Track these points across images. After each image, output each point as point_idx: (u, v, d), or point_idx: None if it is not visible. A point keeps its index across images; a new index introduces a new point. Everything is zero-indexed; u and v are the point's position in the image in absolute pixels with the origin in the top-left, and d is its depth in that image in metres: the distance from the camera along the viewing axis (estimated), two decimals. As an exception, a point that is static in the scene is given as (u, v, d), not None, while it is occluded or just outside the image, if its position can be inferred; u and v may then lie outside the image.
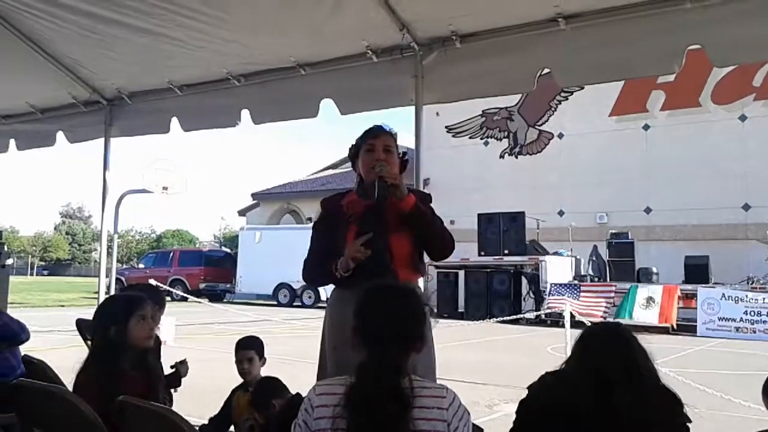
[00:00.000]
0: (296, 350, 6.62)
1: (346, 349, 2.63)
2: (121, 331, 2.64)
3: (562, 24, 3.60)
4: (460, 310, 18.09)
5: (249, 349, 3.59)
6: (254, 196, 32.28)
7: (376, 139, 2.82)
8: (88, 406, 2.12)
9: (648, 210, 21.17)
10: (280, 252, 20.31)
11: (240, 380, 3.59)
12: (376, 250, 2.66)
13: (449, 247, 2.84)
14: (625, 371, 1.99)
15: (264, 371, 3.55)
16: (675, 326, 14.87)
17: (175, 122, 5.32)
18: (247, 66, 4.81)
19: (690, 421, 2.06)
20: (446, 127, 24.75)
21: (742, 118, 20.10)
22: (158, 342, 3.41)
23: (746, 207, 19.53)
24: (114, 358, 2.58)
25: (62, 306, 19.89)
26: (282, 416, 2.99)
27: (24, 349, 3.71)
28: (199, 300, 15.20)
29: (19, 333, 3.52)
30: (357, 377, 1.74)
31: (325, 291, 21.08)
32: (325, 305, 2.99)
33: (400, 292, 1.97)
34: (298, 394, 3.07)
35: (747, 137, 19.67)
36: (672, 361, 9.09)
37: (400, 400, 1.68)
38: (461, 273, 18.82)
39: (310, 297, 22.68)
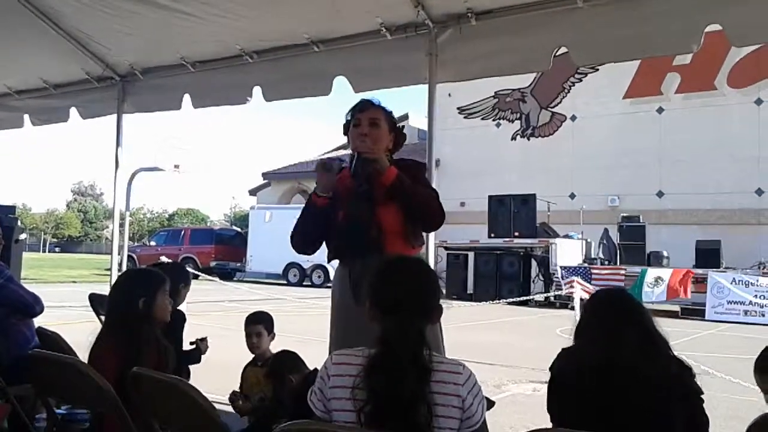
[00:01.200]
0: (307, 328, 6.65)
1: (347, 323, 2.68)
2: (149, 304, 2.69)
3: (579, 2, 3.54)
4: (469, 292, 18.12)
5: (257, 323, 3.61)
6: (265, 175, 32.30)
7: (362, 113, 2.82)
8: (101, 377, 2.14)
9: (660, 194, 21.04)
10: (290, 231, 20.23)
11: (251, 356, 3.63)
12: (363, 223, 2.67)
13: (435, 218, 2.78)
14: (634, 332, 2.04)
15: (276, 349, 3.57)
16: (680, 310, 14.83)
17: (187, 99, 5.31)
18: (260, 42, 4.77)
19: (703, 393, 2.09)
20: (458, 108, 24.60)
21: (758, 102, 19.87)
22: (183, 317, 3.45)
23: (759, 192, 19.39)
24: (136, 328, 2.62)
25: (74, 282, 20.08)
26: (297, 391, 3.01)
27: (37, 322, 3.75)
28: (210, 278, 15.27)
29: (33, 305, 3.56)
30: (380, 347, 1.74)
31: (334, 269, 20.95)
32: (332, 284, 3.02)
33: (418, 263, 2.01)
34: (315, 369, 3.09)
35: (762, 121, 19.47)
36: (680, 345, 9.05)
37: (419, 371, 1.69)
38: (471, 255, 18.82)
39: (319, 276, 22.79)
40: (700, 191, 19.72)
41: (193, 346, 3.52)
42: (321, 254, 3.01)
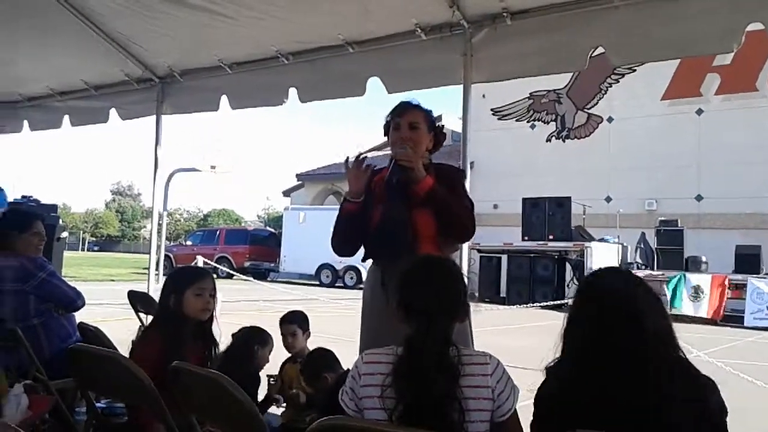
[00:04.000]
0: (340, 329, 6.67)
1: (378, 325, 2.69)
2: (178, 301, 2.76)
3: (616, 1, 3.51)
4: (502, 295, 17.97)
5: (291, 323, 3.66)
6: (299, 176, 32.50)
7: (401, 116, 2.83)
8: (142, 371, 2.18)
9: (699, 197, 20.62)
10: (323, 232, 19.93)
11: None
12: (399, 225, 2.69)
13: (465, 231, 2.81)
14: (625, 314, 1.70)
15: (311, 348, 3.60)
16: (722, 317, 14.50)
17: (224, 100, 5.39)
18: (296, 44, 4.83)
19: (727, 411, 1.70)
20: (492, 109, 24.45)
21: (801, 103, 19.36)
22: (258, 380, 3.46)
23: (801, 196, 18.87)
24: (174, 324, 2.69)
25: (112, 280, 20.45)
26: (331, 390, 3.02)
27: (77, 319, 3.83)
28: (245, 278, 15.43)
29: (75, 299, 3.65)
30: (405, 349, 1.75)
31: (366, 271, 20.94)
32: (364, 286, 3.04)
33: (442, 263, 2.00)
34: (348, 370, 3.10)
35: (805, 124, 18.93)
36: (719, 352, 8.88)
37: (449, 371, 1.70)
38: (504, 257, 18.65)
39: (351, 278, 22.84)
40: (739, 195, 19.26)
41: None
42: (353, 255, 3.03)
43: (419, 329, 1.76)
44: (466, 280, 2.01)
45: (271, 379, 3.49)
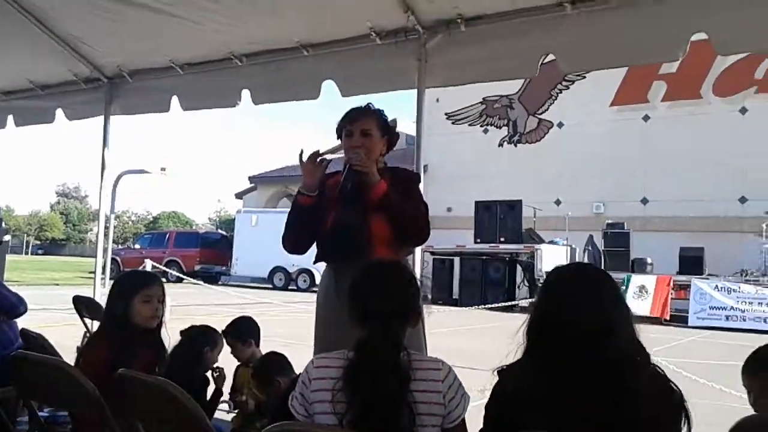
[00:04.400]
0: (293, 332, 6.63)
1: (332, 327, 2.69)
2: (125, 308, 2.68)
3: (568, 8, 3.57)
4: (454, 297, 18.14)
5: (227, 335, 3.53)
6: (251, 179, 32.22)
7: (353, 124, 2.83)
8: (86, 379, 2.12)
9: (645, 201, 21.22)
10: (276, 235, 19.74)
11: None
12: (354, 228, 2.69)
13: (419, 235, 2.84)
14: (590, 309, 1.68)
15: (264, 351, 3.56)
16: (668, 317, 14.93)
17: (175, 101, 5.29)
18: (250, 45, 4.77)
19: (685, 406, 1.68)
20: (446, 113, 24.67)
21: (743, 111, 20.12)
22: (206, 381, 3.37)
23: (743, 200, 19.61)
24: (121, 332, 2.61)
25: (57, 285, 19.88)
26: (284, 396, 2.99)
27: (20, 324, 3.71)
28: (195, 281, 15.18)
29: (18, 305, 3.54)
30: (356, 353, 1.74)
31: (320, 274, 20.86)
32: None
33: (395, 267, 2.01)
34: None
35: (747, 131, 19.66)
36: (663, 351, 9.14)
37: (399, 375, 1.70)
38: (456, 260, 18.86)
39: (305, 281, 22.73)
40: (684, 199, 19.90)
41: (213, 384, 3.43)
42: (306, 258, 3.01)
43: (371, 333, 1.75)
44: (419, 283, 2.02)
45: (215, 372, 3.41)
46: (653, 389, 1.65)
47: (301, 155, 2.81)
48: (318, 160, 2.79)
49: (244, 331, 3.62)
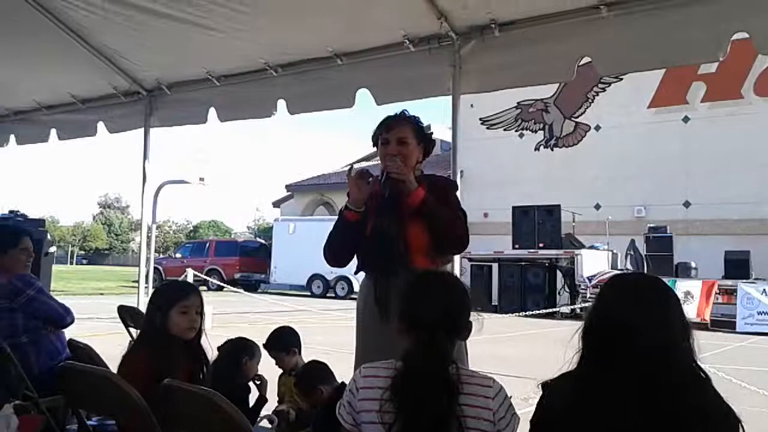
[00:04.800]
0: (332, 340, 6.67)
1: (372, 336, 2.69)
2: (163, 319, 2.70)
3: (604, 11, 3.53)
4: (493, 304, 17.99)
5: (272, 350, 3.63)
6: (288, 187, 32.47)
7: (389, 131, 2.81)
8: (133, 389, 2.16)
9: (687, 204, 20.76)
10: (313, 243, 20.03)
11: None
12: (391, 237, 2.68)
13: (458, 243, 2.80)
14: (647, 322, 1.59)
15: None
16: (710, 322, 14.57)
17: (212, 113, 5.38)
18: (284, 56, 4.83)
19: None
20: (480, 119, 24.55)
21: (786, 110, 19.56)
22: (248, 389, 3.44)
23: (789, 201, 19.04)
24: (160, 342, 2.64)
25: (101, 294, 20.33)
26: (328, 404, 3.01)
27: (66, 334, 3.79)
28: (236, 290, 15.35)
29: (65, 316, 3.62)
30: (404, 364, 1.73)
31: (357, 282, 20.93)
32: (357, 296, 3.02)
33: (448, 279, 1.99)
34: (343, 383, 3.10)
35: (790, 130, 19.12)
36: (710, 358, 8.90)
37: (447, 388, 1.68)
38: (495, 266, 18.69)
39: (343, 288, 22.79)
40: (727, 201, 19.42)
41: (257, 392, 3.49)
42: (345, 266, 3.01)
43: (419, 343, 1.74)
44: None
45: (256, 380, 3.47)
46: (712, 411, 1.57)
47: (350, 171, 2.81)
48: (366, 176, 2.79)
49: (286, 341, 3.65)
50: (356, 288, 21.04)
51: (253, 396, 3.43)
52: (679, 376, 1.57)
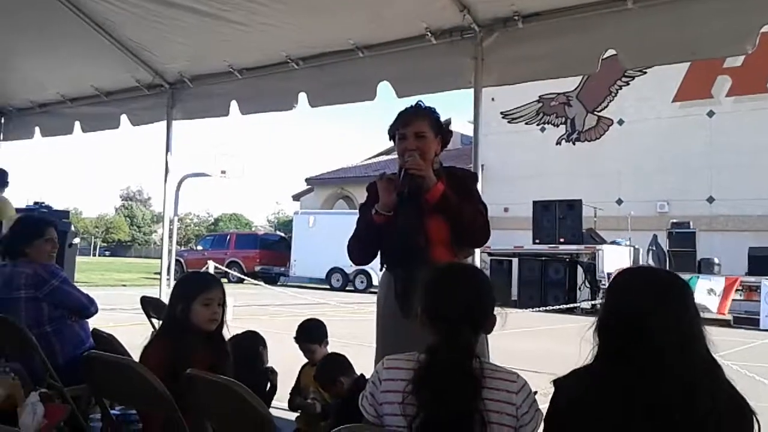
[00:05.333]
0: (351, 333, 6.68)
1: (392, 330, 2.68)
2: (185, 310, 2.71)
3: (629, 2, 3.49)
4: (513, 299, 17.91)
5: (305, 342, 3.65)
6: (308, 181, 32.57)
7: (406, 126, 2.79)
8: (156, 378, 2.17)
9: (711, 199, 20.48)
10: (333, 236, 20.31)
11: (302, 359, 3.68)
12: (411, 232, 2.67)
13: (479, 236, 2.80)
14: (667, 320, 1.57)
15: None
16: (733, 319, 14.38)
17: (234, 105, 5.41)
18: (306, 49, 4.83)
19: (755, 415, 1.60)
20: (502, 112, 24.38)
21: (814, 104, 19.20)
22: (266, 377, 3.49)
23: (815, 197, 18.71)
24: (181, 334, 2.65)
25: (124, 285, 20.55)
26: (346, 395, 3.03)
27: (90, 324, 3.84)
28: (256, 282, 15.42)
29: (89, 306, 3.66)
30: (427, 357, 1.72)
31: (377, 275, 21.05)
32: (376, 290, 3.02)
33: (471, 272, 1.97)
34: (362, 375, 3.11)
35: (818, 124, 18.76)
36: (733, 355, 8.80)
37: (470, 382, 1.67)
38: (515, 261, 18.60)
39: (362, 282, 22.83)
40: (752, 197, 19.12)
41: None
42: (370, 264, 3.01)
43: (442, 337, 1.72)
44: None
45: (269, 372, 3.54)
46: (729, 408, 1.55)
47: (380, 177, 2.80)
48: (395, 182, 2.76)
49: (317, 333, 3.68)
50: (375, 282, 21.24)
51: None
52: (692, 369, 1.55)
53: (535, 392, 1.78)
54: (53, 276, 3.55)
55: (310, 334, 3.66)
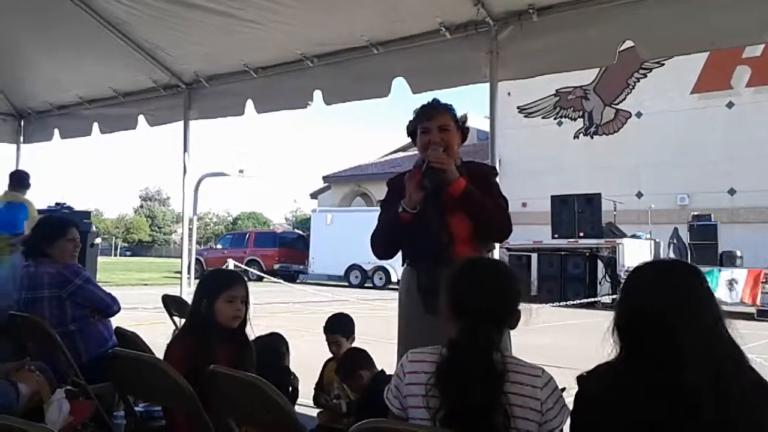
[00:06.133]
0: (372, 330, 6.69)
1: (415, 326, 2.68)
2: (209, 307, 2.72)
3: (645, -7, 3.45)
4: (533, 294, 17.80)
5: (334, 333, 3.67)
6: (325, 178, 32.64)
7: (430, 120, 2.79)
8: (180, 376, 2.19)
9: (732, 191, 20.24)
10: (351, 234, 20.43)
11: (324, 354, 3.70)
12: (434, 228, 2.67)
13: (501, 231, 2.78)
14: (684, 313, 1.56)
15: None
16: (756, 312, 14.20)
17: (249, 104, 5.43)
18: (320, 46, 4.84)
19: None
20: (518, 107, 24.27)
21: (835, 93, 18.90)
22: (288, 377, 3.53)
23: (838, 187, 18.42)
24: (205, 331, 2.67)
25: (145, 285, 20.73)
26: (367, 389, 3.04)
27: (113, 324, 3.88)
28: (275, 280, 15.50)
29: (111, 304, 3.70)
30: (449, 350, 1.72)
31: (396, 272, 21.17)
32: (395, 286, 3.02)
33: (495, 266, 1.95)
34: (382, 370, 3.12)
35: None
36: (758, 348, 8.70)
37: (492, 377, 1.66)
38: (534, 256, 18.50)
39: (380, 278, 22.83)
40: (774, 188, 18.87)
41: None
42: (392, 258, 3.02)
43: (465, 331, 1.72)
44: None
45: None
46: (756, 394, 1.53)
47: (408, 176, 2.78)
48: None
49: (346, 326, 3.70)
50: (394, 278, 21.24)
51: None
52: (713, 360, 1.53)
53: (563, 389, 1.76)
54: (76, 275, 3.60)
55: (341, 325, 3.68)
